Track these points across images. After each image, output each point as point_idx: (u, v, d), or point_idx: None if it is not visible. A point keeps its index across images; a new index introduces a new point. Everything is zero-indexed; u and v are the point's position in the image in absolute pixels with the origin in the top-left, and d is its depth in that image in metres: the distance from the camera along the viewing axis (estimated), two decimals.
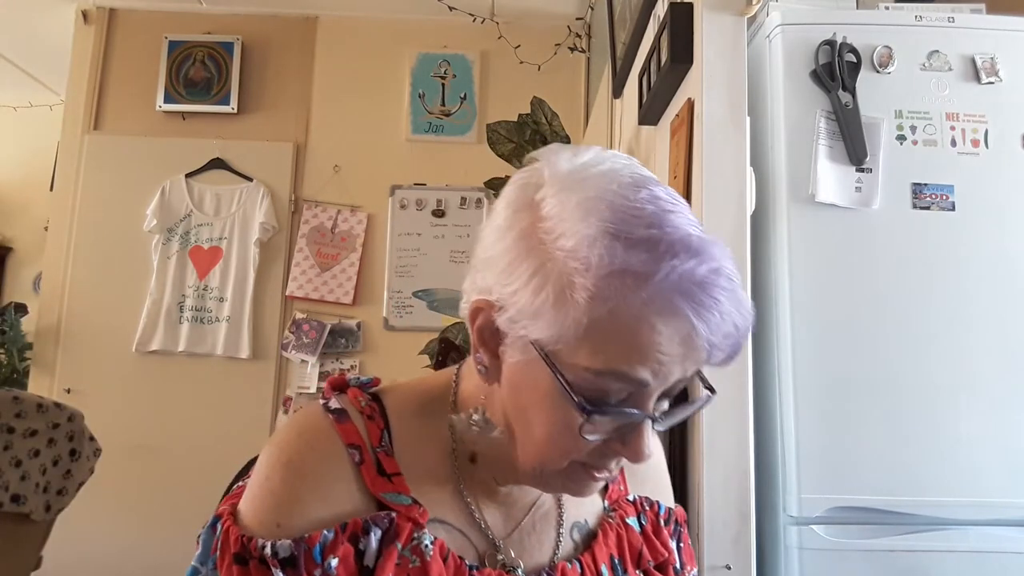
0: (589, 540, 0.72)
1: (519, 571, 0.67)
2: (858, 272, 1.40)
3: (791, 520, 1.34)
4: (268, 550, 0.59)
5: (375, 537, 0.61)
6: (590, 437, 0.58)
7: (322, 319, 3.34)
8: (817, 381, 1.37)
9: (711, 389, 0.64)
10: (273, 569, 0.59)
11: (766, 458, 1.38)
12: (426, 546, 0.62)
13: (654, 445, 0.61)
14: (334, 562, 0.59)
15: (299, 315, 3.34)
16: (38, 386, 3.24)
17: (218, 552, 0.61)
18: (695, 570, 0.81)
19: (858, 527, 1.33)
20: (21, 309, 4.31)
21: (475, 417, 0.65)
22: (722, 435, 1.30)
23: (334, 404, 0.67)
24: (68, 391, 3.22)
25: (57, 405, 1.84)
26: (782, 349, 1.38)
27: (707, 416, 1.31)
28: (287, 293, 3.36)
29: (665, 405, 0.60)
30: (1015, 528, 1.33)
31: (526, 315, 0.57)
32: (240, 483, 0.67)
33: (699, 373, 0.61)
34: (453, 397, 0.70)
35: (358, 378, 0.72)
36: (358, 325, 3.36)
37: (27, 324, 3.99)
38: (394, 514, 0.62)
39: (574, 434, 0.57)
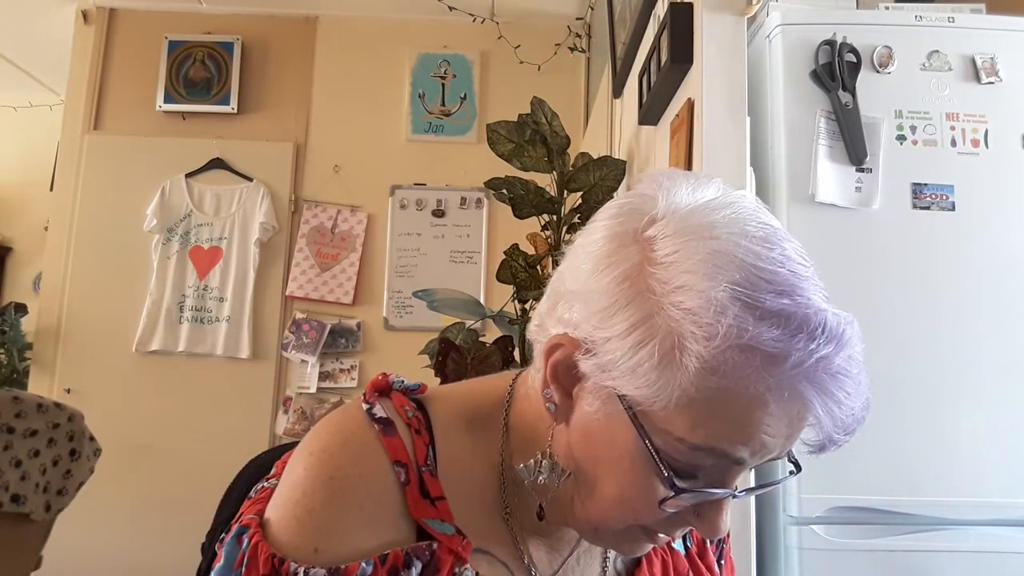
0: (632, 569, 0.67)
1: None
2: (858, 272, 1.40)
3: (791, 520, 1.34)
4: (301, 572, 0.54)
5: (415, 571, 0.56)
6: (670, 511, 0.53)
7: (322, 319, 3.34)
8: None
9: (797, 466, 0.59)
10: None
11: None
12: None
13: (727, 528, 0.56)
14: None
15: (299, 315, 3.34)
16: (38, 386, 3.24)
17: (243, 567, 0.55)
18: None
19: (858, 527, 1.33)
20: (21, 309, 4.31)
21: (543, 464, 0.58)
22: None
23: (379, 412, 0.61)
24: (68, 391, 3.22)
25: (57, 405, 1.84)
26: None
27: None
28: (287, 293, 3.36)
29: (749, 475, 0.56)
30: (1015, 528, 1.33)
31: (619, 368, 0.51)
32: (264, 485, 0.62)
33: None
34: (505, 417, 0.63)
35: (402, 381, 0.65)
36: (358, 325, 3.36)
37: (27, 324, 3.99)
38: (435, 545, 0.57)
39: (651, 504, 0.53)
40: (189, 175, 3.41)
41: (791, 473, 0.59)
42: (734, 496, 0.54)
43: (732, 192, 0.56)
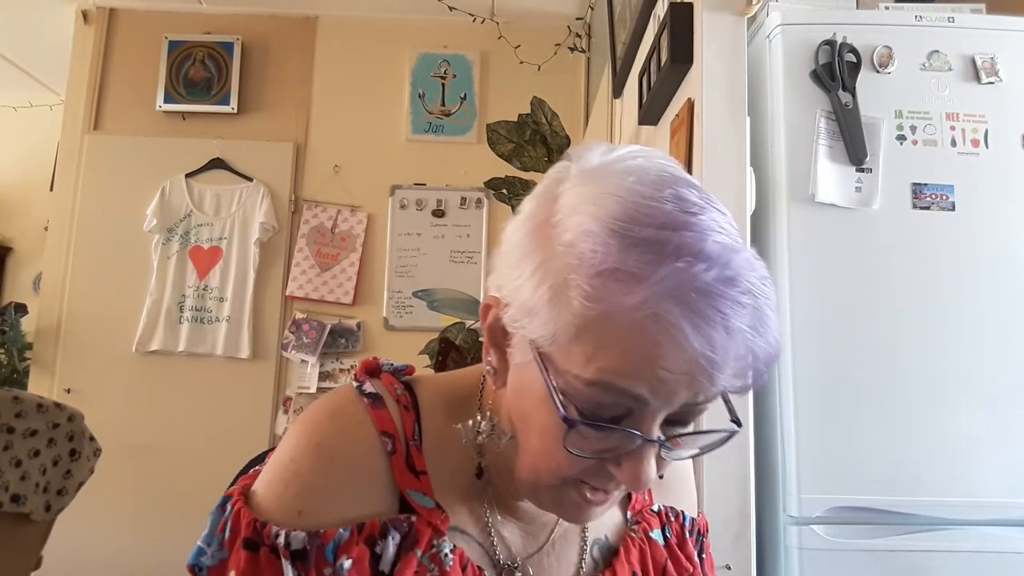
0: (610, 558, 0.68)
1: None
2: (858, 272, 1.40)
3: (791, 520, 1.34)
4: (281, 539, 0.56)
5: (393, 542, 0.58)
6: (573, 451, 0.53)
7: (322, 319, 3.34)
8: (817, 381, 1.37)
9: (736, 422, 0.58)
10: (283, 561, 0.56)
11: (766, 458, 1.38)
12: (446, 555, 0.59)
13: (683, 465, 0.56)
14: (347, 563, 0.56)
15: (299, 315, 3.34)
16: (38, 386, 3.24)
17: (226, 533, 0.58)
18: None
19: (858, 527, 1.33)
20: (21, 309, 4.31)
21: (483, 425, 0.61)
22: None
23: (369, 388, 0.64)
24: (68, 391, 3.22)
25: (57, 405, 1.84)
26: (782, 349, 1.38)
27: (707, 416, 1.31)
28: (287, 293, 3.36)
29: (679, 431, 0.55)
30: (1015, 528, 1.33)
31: (524, 312, 0.54)
32: (259, 468, 0.64)
33: (726, 400, 0.56)
34: (480, 400, 0.66)
35: (391, 364, 0.69)
36: (358, 325, 3.36)
37: (27, 324, 3.99)
38: (414, 518, 0.60)
39: (559, 446, 0.53)
40: (189, 175, 3.40)
41: (729, 433, 0.57)
42: (660, 446, 0.53)
43: (647, 150, 0.58)
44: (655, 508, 0.73)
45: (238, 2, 3.51)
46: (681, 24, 1.48)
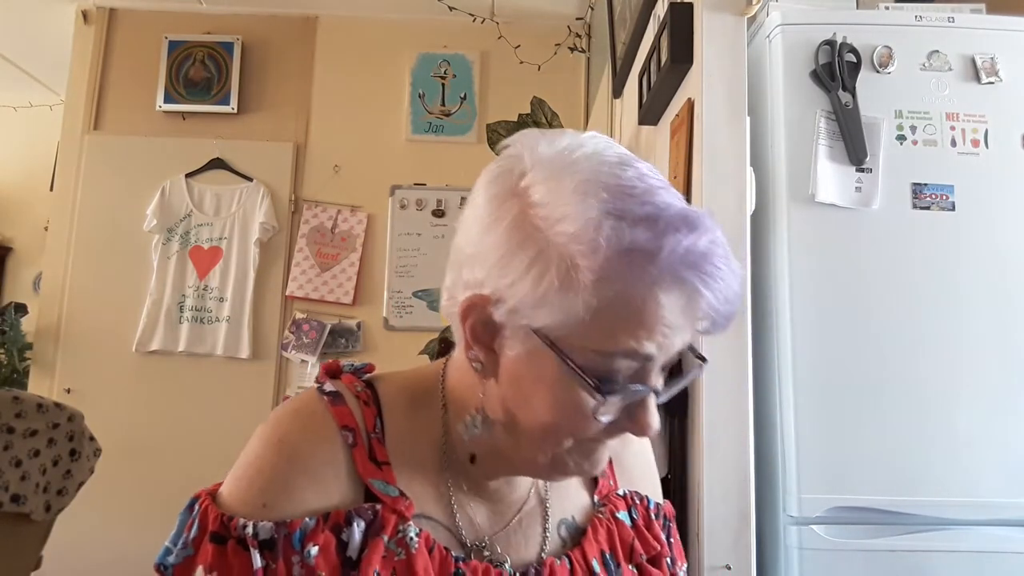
0: (578, 537, 0.71)
1: (506, 566, 0.66)
2: (858, 272, 1.40)
3: (791, 520, 1.34)
4: (249, 530, 0.58)
5: (359, 529, 0.60)
6: (603, 419, 0.58)
7: (322, 319, 3.34)
8: (817, 381, 1.37)
9: (702, 359, 0.64)
10: (252, 550, 0.58)
11: (766, 458, 1.38)
12: (411, 538, 0.61)
13: (645, 454, 0.62)
14: (314, 550, 0.59)
15: (299, 315, 3.34)
16: (38, 386, 3.24)
17: (193, 531, 0.60)
18: (685, 565, 0.80)
19: (858, 527, 1.33)
20: (21, 309, 4.31)
21: (477, 419, 0.64)
22: (722, 435, 1.30)
23: (329, 387, 0.67)
24: (68, 391, 3.22)
25: (57, 405, 1.84)
26: (782, 349, 1.38)
27: (707, 416, 1.31)
28: (287, 293, 3.36)
29: (662, 379, 0.60)
30: (1015, 528, 1.33)
31: (528, 304, 0.56)
32: None
33: (690, 345, 0.61)
34: (442, 392, 0.69)
35: (352, 364, 0.72)
36: (358, 325, 3.36)
37: (27, 324, 3.99)
38: (379, 506, 0.62)
39: (586, 416, 0.57)
40: (189, 175, 3.40)
41: (700, 368, 0.65)
42: (656, 393, 0.59)
43: (582, 134, 0.62)
44: (620, 492, 0.77)
45: (238, 2, 3.51)
46: (681, 24, 1.48)
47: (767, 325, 1.41)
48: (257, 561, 0.58)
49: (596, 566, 0.69)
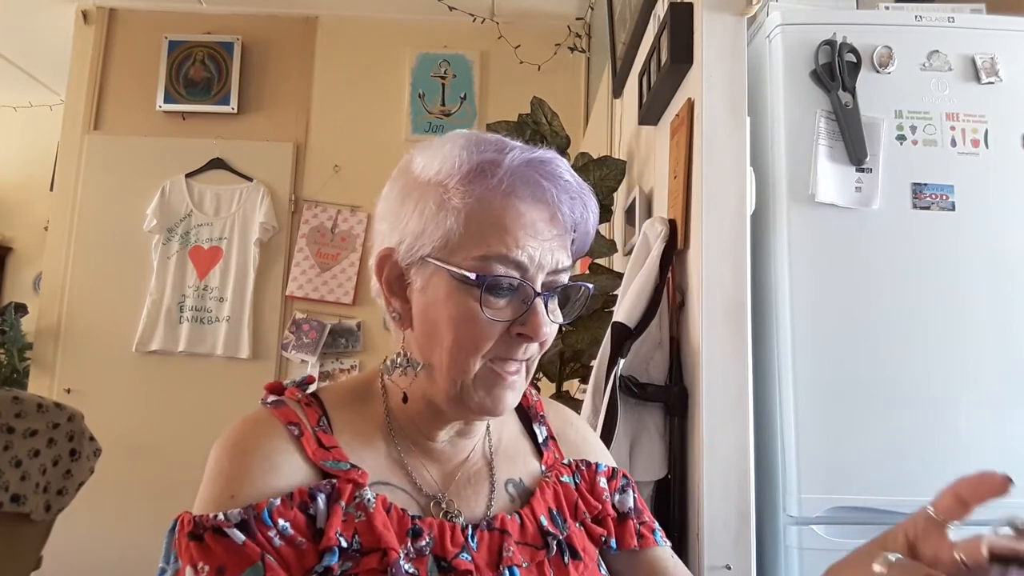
0: (527, 497, 0.78)
1: (460, 519, 0.72)
2: (858, 272, 1.40)
3: (791, 520, 1.34)
4: (221, 517, 0.62)
5: (322, 502, 0.66)
6: (490, 315, 0.67)
7: (322, 319, 3.34)
8: (817, 381, 1.37)
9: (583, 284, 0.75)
10: (228, 529, 0.62)
11: (766, 458, 1.38)
12: (368, 500, 0.67)
13: (550, 331, 0.69)
14: (287, 524, 0.63)
15: (299, 315, 3.35)
16: (38, 386, 3.24)
17: (175, 547, 0.63)
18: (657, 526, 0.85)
19: (858, 527, 1.32)
20: (21, 309, 4.31)
21: (399, 358, 0.72)
22: (722, 435, 1.30)
23: (271, 399, 0.75)
24: (68, 391, 3.22)
25: (57, 405, 1.84)
26: (782, 349, 1.38)
27: (707, 416, 1.31)
28: (287, 293, 3.36)
29: (554, 301, 0.71)
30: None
31: (417, 234, 0.68)
32: None
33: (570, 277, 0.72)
34: (381, 382, 0.77)
35: (293, 380, 0.79)
36: (358, 325, 3.36)
37: (27, 324, 4.00)
38: (335, 480, 0.67)
39: (480, 322, 0.67)
40: (189, 175, 3.41)
41: (585, 288, 0.74)
42: (544, 299, 0.68)
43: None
44: (566, 461, 0.84)
45: (238, 2, 3.51)
46: (681, 24, 1.48)
47: (767, 325, 1.41)
48: (238, 536, 0.61)
49: (544, 521, 0.75)
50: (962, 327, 1.38)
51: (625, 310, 1.41)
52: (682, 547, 1.34)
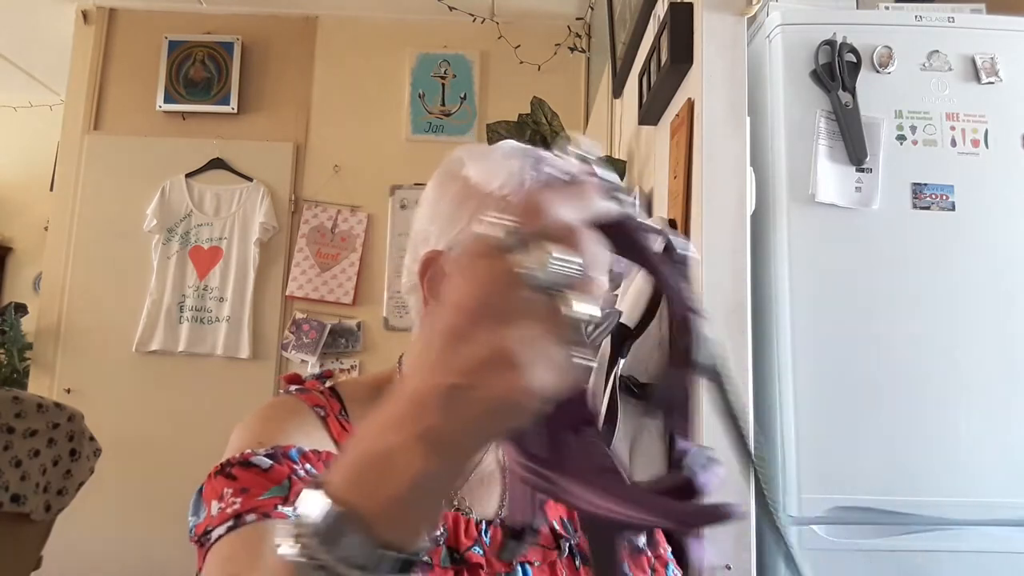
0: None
1: (473, 515, 0.73)
2: (858, 272, 1.40)
3: (791, 520, 1.34)
4: (248, 451, 0.63)
5: None
6: None
7: (322, 319, 3.34)
8: (817, 381, 1.37)
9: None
10: (255, 459, 0.62)
11: (766, 458, 1.38)
12: None
13: None
14: (312, 467, 0.64)
15: (299, 315, 3.34)
16: (38, 386, 3.24)
17: (205, 492, 0.64)
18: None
19: (858, 527, 1.33)
20: (21, 309, 4.31)
21: None
22: (722, 435, 1.30)
23: (293, 388, 0.76)
24: (68, 391, 3.22)
25: (57, 405, 1.84)
26: (782, 349, 1.38)
27: (707, 416, 1.31)
28: (287, 293, 3.36)
29: None
30: (1015, 528, 1.33)
31: None
32: None
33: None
34: (399, 379, 0.78)
35: (312, 374, 0.80)
36: (358, 325, 3.36)
37: (27, 324, 3.99)
38: None
39: None
40: (189, 175, 3.40)
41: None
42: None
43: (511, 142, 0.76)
44: None
45: (238, 2, 3.51)
46: (681, 24, 1.48)
47: (767, 325, 1.41)
48: (265, 462, 0.62)
49: (556, 526, 0.76)
50: (962, 327, 1.38)
51: (625, 310, 1.41)
52: (682, 547, 1.34)
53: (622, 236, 0.46)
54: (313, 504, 0.38)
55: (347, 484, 0.38)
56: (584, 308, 0.38)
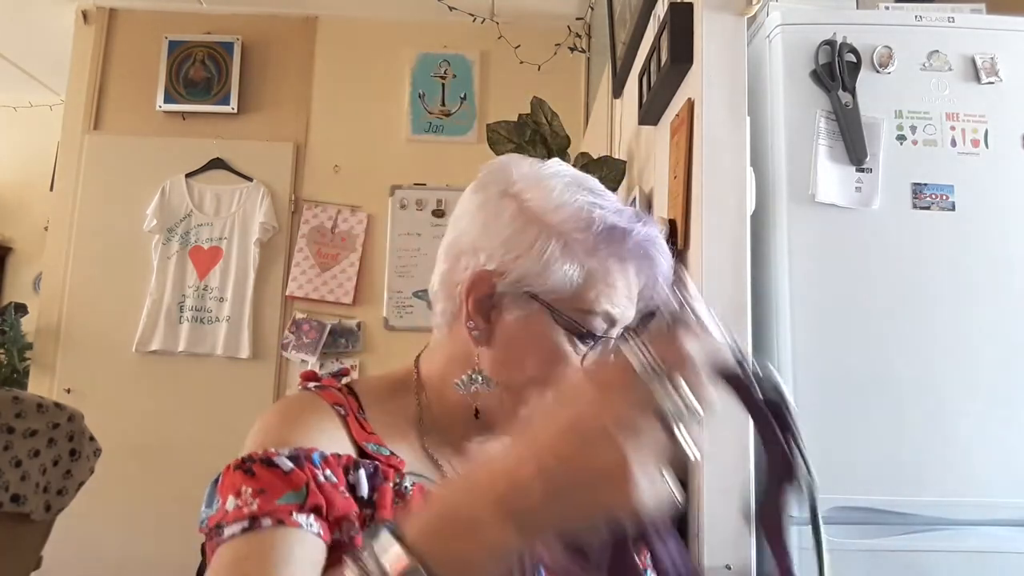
0: None
1: None
2: (858, 272, 1.40)
3: (791, 520, 1.33)
4: (272, 449, 0.64)
5: (365, 473, 0.68)
6: (576, 359, 0.71)
7: (322, 319, 3.34)
8: (817, 381, 1.37)
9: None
10: (277, 459, 0.62)
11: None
12: (406, 488, 0.70)
13: None
14: (331, 473, 0.65)
15: (299, 315, 3.35)
16: (38, 386, 3.24)
17: (222, 485, 0.64)
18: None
19: (858, 527, 1.33)
20: (21, 309, 4.31)
21: (476, 376, 0.74)
22: (722, 436, 1.30)
23: (312, 385, 0.77)
24: (68, 391, 3.22)
25: (57, 405, 1.84)
26: (782, 349, 1.38)
27: (707, 416, 1.31)
28: (287, 293, 3.36)
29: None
30: (1015, 528, 1.33)
31: (532, 273, 0.70)
32: None
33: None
34: (416, 379, 0.80)
35: (329, 372, 0.81)
36: (358, 325, 3.36)
37: (27, 324, 3.99)
38: (377, 463, 0.70)
39: (569, 364, 0.70)
40: (189, 175, 3.41)
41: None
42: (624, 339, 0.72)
43: (548, 160, 0.78)
44: None
45: (238, 2, 3.51)
46: (681, 24, 1.48)
47: (767, 325, 1.41)
48: (287, 464, 0.62)
49: None
50: (962, 327, 1.38)
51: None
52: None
53: (734, 386, 0.53)
54: (388, 550, 0.42)
55: (424, 537, 0.42)
56: (692, 441, 0.45)
